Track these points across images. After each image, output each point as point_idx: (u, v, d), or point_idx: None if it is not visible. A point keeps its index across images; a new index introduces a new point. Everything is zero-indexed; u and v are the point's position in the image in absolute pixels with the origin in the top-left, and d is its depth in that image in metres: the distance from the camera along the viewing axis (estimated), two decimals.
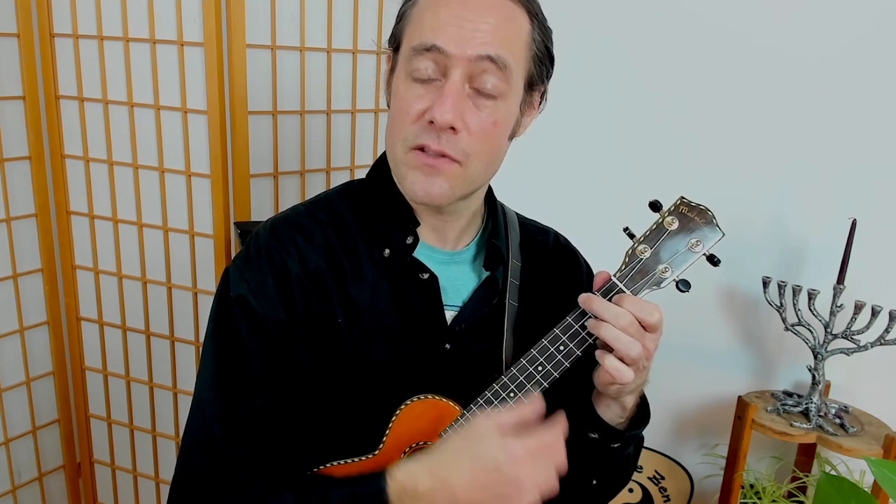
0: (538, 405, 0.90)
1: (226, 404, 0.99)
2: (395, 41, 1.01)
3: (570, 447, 1.03)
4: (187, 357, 1.98)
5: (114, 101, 1.83)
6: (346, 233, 1.05)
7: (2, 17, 1.75)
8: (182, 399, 2.01)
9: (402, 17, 1.00)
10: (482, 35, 0.91)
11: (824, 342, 1.84)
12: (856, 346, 1.80)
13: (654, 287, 0.93)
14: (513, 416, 0.88)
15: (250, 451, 0.98)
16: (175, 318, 1.96)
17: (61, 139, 1.91)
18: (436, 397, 0.99)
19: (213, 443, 0.98)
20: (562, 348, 0.94)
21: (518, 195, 1.25)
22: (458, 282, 1.08)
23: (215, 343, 1.01)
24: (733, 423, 1.93)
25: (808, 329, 1.85)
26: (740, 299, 2.08)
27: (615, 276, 0.94)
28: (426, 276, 1.03)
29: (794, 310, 1.85)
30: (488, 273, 1.08)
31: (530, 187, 1.61)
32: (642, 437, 1.11)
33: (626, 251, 0.94)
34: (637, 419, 1.04)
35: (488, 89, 0.94)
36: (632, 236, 0.95)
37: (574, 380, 0.98)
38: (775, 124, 1.96)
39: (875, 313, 1.75)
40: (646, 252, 0.93)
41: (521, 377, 0.95)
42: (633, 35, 2.03)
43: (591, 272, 1.19)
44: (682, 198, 0.95)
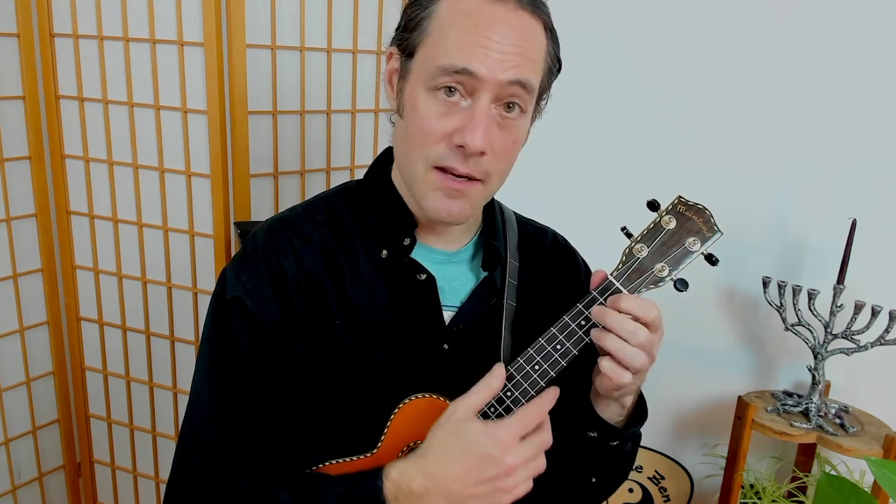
0: (502, 374, 0.94)
1: (222, 406, 0.99)
2: (407, 48, 0.98)
3: (570, 445, 1.03)
4: (187, 357, 1.98)
5: (114, 101, 1.83)
6: (344, 234, 1.05)
7: (2, 17, 1.75)
8: (182, 399, 2.01)
9: (416, 25, 0.96)
10: (512, 59, 0.91)
11: (824, 342, 1.84)
12: (856, 346, 1.80)
13: (652, 286, 0.93)
14: (483, 393, 0.92)
15: (248, 452, 0.99)
16: (175, 318, 1.96)
17: (61, 139, 1.91)
18: (433, 396, 0.99)
19: (209, 444, 0.99)
20: (559, 347, 0.94)
21: (518, 195, 1.25)
22: (455, 282, 1.08)
23: (211, 345, 1.02)
24: (733, 423, 1.93)
25: (808, 329, 1.85)
26: (740, 299, 2.07)
27: (612, 275, 0.94)
28: (424, 277, 1.03)
29: (794, 310, 1.85)
30: (486, 273, 1.08)
31: (530, 187, 1.61)
32: (640, 435, 1.11)
33: (624, 250, 0.94)
34: (635, 417, 1.04)
35: (512, 111, 0.95)
36: (629, 235, 0.95)
37: (573, 378, 0.98)
38: (775, 124, 1.96)
39: (875, 313, 1.75)
40: (643, 251, 0.93)
41: (518, 377, 0.95)
42: (633, 35, 2.03)
43: (589, 271, 1.19)
44: (680, 197, 0.94)
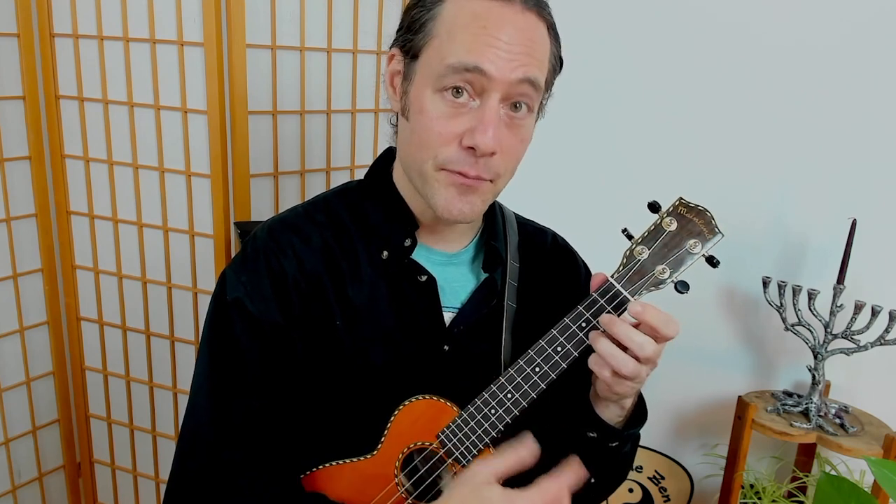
0: (533, 448, 0.91)
1: (221, 407, 0.99)
2: (411, 50, 0.97)
3: (569, 446, 1.03)
4: (187, 357, 1.98)
5: (114, 101, 1.83)
6: (344, 234, 1.05)
7: (2, 17, 1.75)
8: (182, 399, 2.01)
9: (420, 27, 0.96)
10: (520, 58, 0.91)
11: (824, 342, 1.84)
12: (856, 346, 1.80)
13: (653, 288, 0.92)
14: (510, 461, 0.90)
15: (247, 453, 0.99)
16: (175, 318, 1.96)
17: (61, 139, 1.91)
18: (434, 398, 0.99)
19: (208, 445, 0.99)
20: (559, 349, 0.94)
21: (518, 195, 1.25)
22: (456, 283, 1.08)
23: (210, 346, 1.02)
24: (733, 423, 1.93)
25: (808, 329, 1.85)
26: (740, 299, 2.08)
27: (612, 277, 0.93)
28: (424, 279, 1.03)
29: (794, 310, 1.85)
30: (487, 275, 1.08)
31: (530, 187, 1.60)
32: (639, 435, 1.11)
33: (624, 252, 0.94)
34: (634, 418, 1.04)
35: (519, 110, 0.95)
36: (630, 237, 0.95)
37: (572, 379, 0.98)
38: (775, 124, 1.96)
39: (875, 313, 1.75)
40: (643, 253, 0.93)
41: (519, 378, 0.95)
42: (633, 35, 2.03)
43: (589, 273, 1.19)
44: (681, 199, 0.94)
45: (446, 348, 1.04)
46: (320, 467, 1.01)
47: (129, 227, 1.93)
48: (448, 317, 1.06)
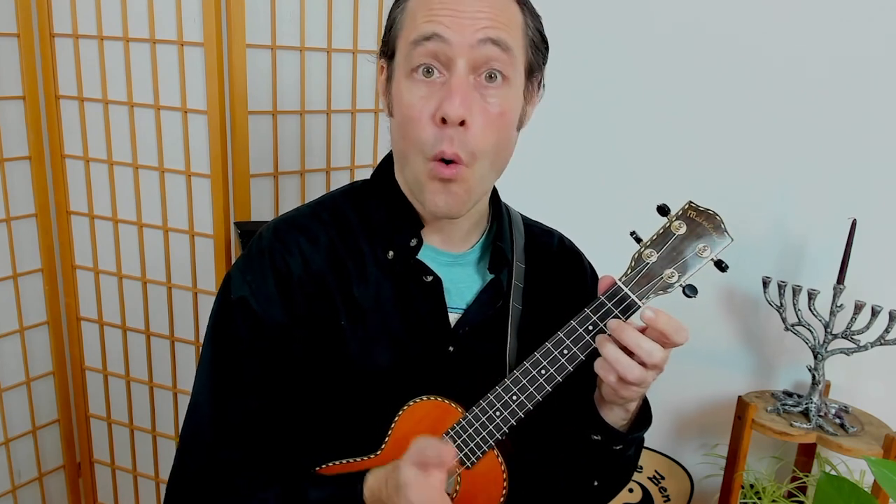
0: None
1: (221, 406, 0.99)
2: (389, 49, 0.99)
3: (573, 448, 1.03)
4: (187, 357, 1.98)
5: (114, 101, 1.83)
6: (350, 234, 1.05)
7: (2, 17, 1.75)
8: (182, 399, 2.01)
9: (392, 24, 0.98)
10: (481, 20, 0.91)
11: (824, 342, 1.84)
12: (856, 346, 1.80)
13: (661, 292, 0.92)
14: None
15: (246, 452, 0.99)
16: (175, 318, 1.96)
17: (61, 139, 1.90)
18: (438, 398, 0.99)
19: (207, 444, 1.00)
20: (565, 352, 0.93)
21: (519, 196, 1.25)
22: (462, 284, 1.08)
23: (214, 345, 1.02)
24: (733, 423, 1.93)
25: (808, 329, 1.85)
26: (740, 299, 2.08)
27: (620, 280, 0.93)
28: (430, 279, 1.03)
29: (794, 310, 1.85)
30: (492, 276, 1.08)
31: (531, 188, 1.61)
32: (643, 439, 1.11)
33: (633, 255, 0.93)
34: (639, 422, 1.04)
35: (494, 80, 0.93)
36: (638, 240, 0.94)
37: (577, 382, 0.98)
38: (775, 124, 1.96)
39: (875, 313, 1.75)
40: (652, 256, 0.92)
41: (524, 381, 0.95)
42: (634, 35, 2.03)
43: (595, 275, 1.19)
44: (691, 202, 0.93)
45: (451, 349, 1.04)
46: (324, 466, 1.01)
47: (129, 227, 1.92)
48: (453, 318, 1.06)
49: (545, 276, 1.14)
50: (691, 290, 0.92)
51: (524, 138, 1.06)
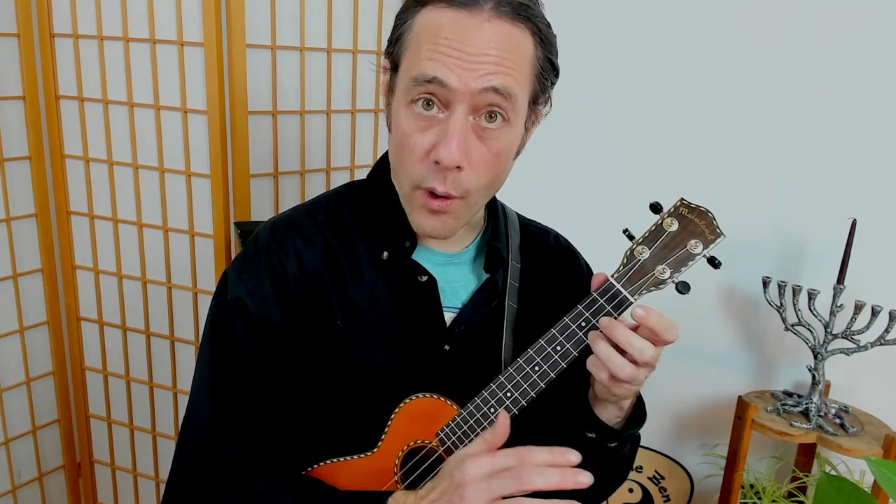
0: (503, 430, 0.89)
1: (221, 405, 0.99)
2: (393, 61, 0.97)
3: (568, 446, 1.03)
4: (187, 357, 1.98)
5: (114, 101, 1.83)
6: (346, 234, 1.05)
7: (2, 17, 1.75)
8: (182, 399, 2.01)
9: (398, 38, 0.96)
10: (485, 67, 0.88)
11: (824, 342, 1.84)
12: (856, 346, 1.80)
13: (653, 288, 0.92)
14: (478, 445, 0.89)
15: (244, 451, 0.99)
16: (175, 318, 1.96)
17: (61, 139, 1.91)
18: (433, 396, 0.99)
19: (206, 444, 1.00)
20: (559, 349, 0.93)
21: (518, 195, 1.25)
22: (457, 283, 1.08)
23: (212, 345, 1.02)
24: (733, 423, 1.93)
25: (808, 329, 1.85)
26: (740, 299, 2.07)
27: (613, 276, 0.93)
28: (425, 279, 1.03)
29: (794, 310, 1.85)
30: (488, 275, 1.08)
31: (531, 188, 1.61)
32: (638, 436, 1.11)
33: (625, 252, 0.94)
34: (634, 419, 1.04)
35: (494, 121, 0.92)
36: (631, 238, 0.94)
37: (572, 379, 0.98)
38: (775, 124, 1.96)
39: (875, 313, 1.75)
40: (644, 253, 0.92)
41: (518, 377, 0.95)
42: (634, 35, 2.03)
43: (591, 273, 1.19)
44: (683, 199, 0.94)
45: (447, 348, 1.05)
46: (320, 464, 1.02)
47: (129, 227, 1.93)
48: (449, 317, 1.06)
49: (541, 274, 1.14)
50: (684, 287, 0.92)
51: None
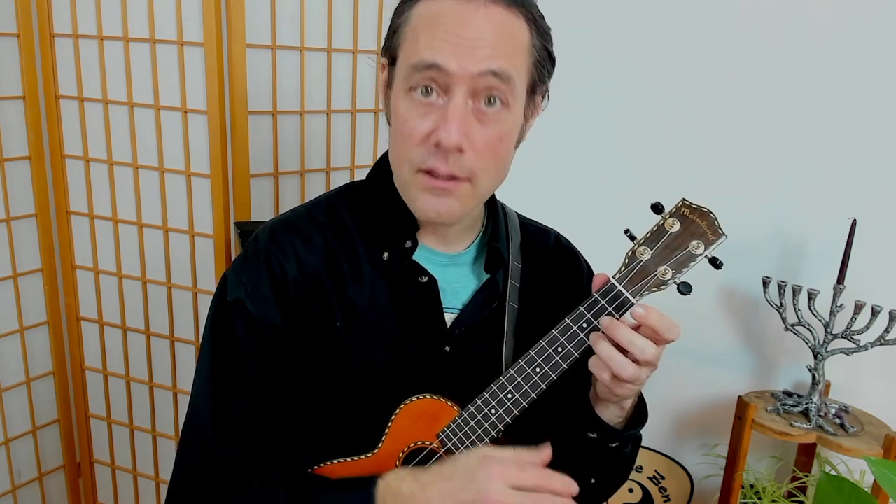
0: (545, 455, 0.91)
1: (221, 406, 0.99)
2: (391, 56, 0.98)
3: (570, 446, 1.03)
4: (187, 357, 1.98)
5: (114, 101, 1.83)
6: (346, 235, 1.05)
7: (2, 17, 1.75)
8: (182, 399, 2.01)
9: (395, 31, 0.97)
10: (482, 50, 0.89)
11: (824, 342, 1.84)
12: (856, 346, 1.80)
13: (655, 289, 0.92)
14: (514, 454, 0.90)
15: (244, 452, 0.99)
16: (175, 318, 1.96)
17: (61, 139, 1.91)
18: (434, 397, 0.99)
19: (207, 444, 0.99)
20: (560, 350, 0.93)
21: (518, 195, 1.25)
22: (457, 284, 1.08)
23: (212, 347, 1.02)
24: (733, 423, 1.93)
25: (808, 329, 1.85)
26: (740, 299, 2.07)
27: (614, 277, 0.93)
28: (425, 280, 1.03)
29: (794, 310, 1.85)
30: (488, 276, 1.08)
31: (530, 187, 1.61)
32: (640, 437, 1.11)
33: (627, 253, 0.94)
34: (635, 419, 1.04)
35: (493, 105, 0.93)
36: (632, 238, 0.94)
37: (573, 380, 0.98)
38: (775, 124, 1.96)
39: (875, 313, 1.75)
40: (645, 254, 0.92)
41: (519, 378, 0.95)
42: (634, 35, 2.03)
43: (591, 273, 1.19)
44: (684, 199, 0.94)
45: (447, 349, 1.04)
46: (320, 465, 1.01)
47: (129, 227, 1.93)
48: (449, 318, 1.06)
49: (542, 274, 1.14)
50: (685, 288, 0.92)
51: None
